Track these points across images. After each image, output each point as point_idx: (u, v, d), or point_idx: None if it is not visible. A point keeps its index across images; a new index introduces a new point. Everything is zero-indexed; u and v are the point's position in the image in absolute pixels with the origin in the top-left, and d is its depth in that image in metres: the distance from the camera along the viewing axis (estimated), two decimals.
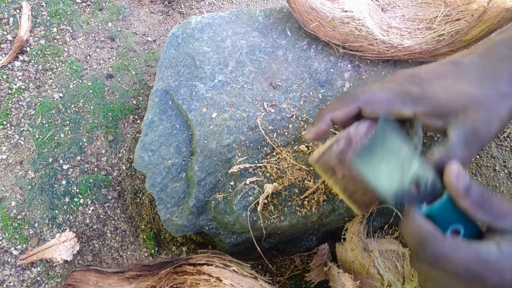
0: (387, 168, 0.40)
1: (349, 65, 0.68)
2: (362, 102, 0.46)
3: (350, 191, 0.46)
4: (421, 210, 0.39)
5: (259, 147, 0.62)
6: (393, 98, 0.45)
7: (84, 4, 0.95)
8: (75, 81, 0.84)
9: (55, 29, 0.90)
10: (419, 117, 0.45)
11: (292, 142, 0.62)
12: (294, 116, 0.64)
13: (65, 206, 0.72)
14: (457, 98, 0.43)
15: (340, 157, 0.45)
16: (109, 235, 0.72)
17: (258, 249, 0.60)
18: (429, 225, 0.39)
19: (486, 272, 0.35)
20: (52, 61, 0.86)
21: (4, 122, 0.78)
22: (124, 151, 0.79)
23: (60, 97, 0.82)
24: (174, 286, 0.58)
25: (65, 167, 0.75)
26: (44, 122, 0.79)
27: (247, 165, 0.60)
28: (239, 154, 0.61)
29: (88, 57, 0.88)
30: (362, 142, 0.45)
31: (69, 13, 0.92)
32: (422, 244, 0.39)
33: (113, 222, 0.73)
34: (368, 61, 0.69)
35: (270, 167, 0.60)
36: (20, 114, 0.80)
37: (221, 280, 0.56)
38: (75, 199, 0.73)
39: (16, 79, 0.83)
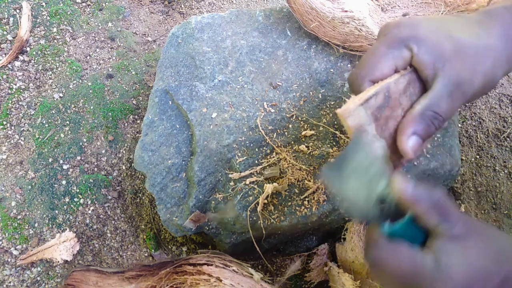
0: (355, 183, 0.39)
1: (349, 65, 0.68)
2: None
3: None
4: (383, 229, 0.39)
5: (259, 147, 0.62)
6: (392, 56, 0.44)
7: (84, 4, 0.95)
8: (75, 81, 0.84)
9: (55, 29, 0.90)
10: (416, 57, 0.43)
11: (292, 142, 0.62)
12: (294, 116, 0.64)
13: (65, 206, 0.72)
14: (447, 40, 0.43)
15: (376, 114, 0.42)
16: (109, 235, 0.72)
17: (258, 249, 0.60)
18: (377, 232, 0.39)
19: (420, 281, 0.36)
20: (52, 61, 0.86)
21: (4, 122, 0.78)
22: (124, 151, 0.79)
23: (60, 97, 0.82)
24: (174, 286, 0.58)
25: (65, 167, 0.75)
26: (44, 122, 0.79)
27: (248, 172, 0.60)
28: (239, 154, 0.61)
29: (88, 57, 0.88)
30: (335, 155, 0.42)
31: (69, 13, 0.92)
32: (365, 246, 0.40)
33: (113, 222, 0.73)
34: None
35: (270, 167, 0.60)
36: (20, 114, 0.80)
37: (221, 280, 0.56)
38: (75, 199, 0.73)
39: (16, 79, 0.83)
